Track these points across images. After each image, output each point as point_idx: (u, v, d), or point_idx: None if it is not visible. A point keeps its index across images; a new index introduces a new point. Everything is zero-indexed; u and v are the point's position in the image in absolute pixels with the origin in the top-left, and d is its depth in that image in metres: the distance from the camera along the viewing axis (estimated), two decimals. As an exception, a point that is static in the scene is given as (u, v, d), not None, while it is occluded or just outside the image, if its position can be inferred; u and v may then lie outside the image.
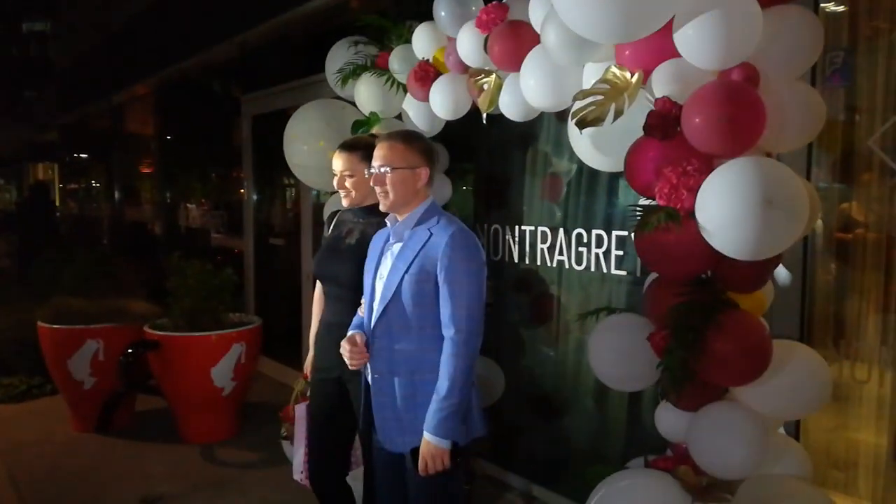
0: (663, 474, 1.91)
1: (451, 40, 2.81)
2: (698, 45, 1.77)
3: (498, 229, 3.51)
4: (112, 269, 5.24)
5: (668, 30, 1.84)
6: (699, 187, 1.75)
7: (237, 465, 3.96)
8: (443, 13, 2.83)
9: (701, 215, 1.73)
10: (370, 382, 2.19)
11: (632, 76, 1.94)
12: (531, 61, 2.37)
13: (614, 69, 1.97)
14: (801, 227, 1.70)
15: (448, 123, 3.10)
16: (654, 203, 1.86)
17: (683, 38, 1.79)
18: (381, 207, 2.15)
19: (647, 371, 1.98)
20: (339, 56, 3.32)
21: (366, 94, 3.20)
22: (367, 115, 3.21)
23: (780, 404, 1.83)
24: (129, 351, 4.20)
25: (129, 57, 8.67)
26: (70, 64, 12.34)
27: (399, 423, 2.08)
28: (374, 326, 2.12)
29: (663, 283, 1.95)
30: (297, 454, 2.71)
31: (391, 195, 2.10)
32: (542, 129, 3.28)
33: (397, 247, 2.12)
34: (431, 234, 2.05)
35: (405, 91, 3.11)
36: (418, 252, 2.04)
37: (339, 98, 3.41)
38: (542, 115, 2.65)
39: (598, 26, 1.82)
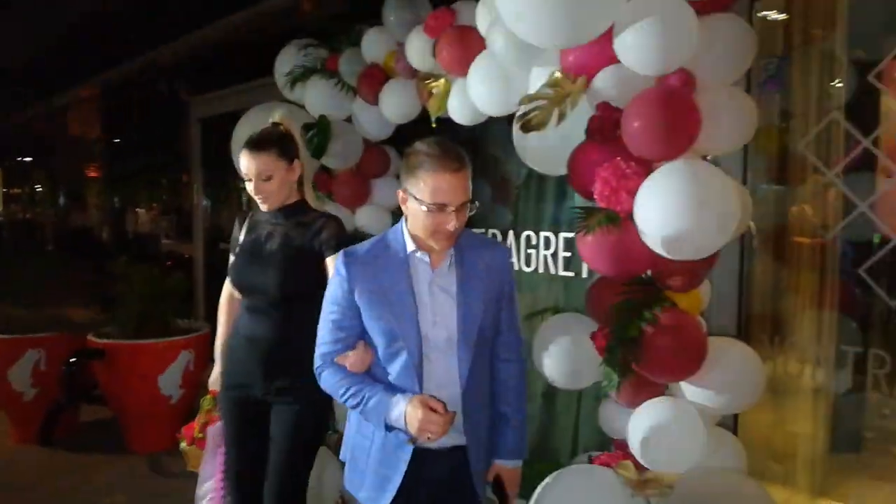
0: (605, 470, 1.95)
1: (401, 44, 2.82)
2: (637, 52, 1.82)
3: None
4: (56, 276, 5.10)
5: (610, 36, 1.88)
6: (637, 190, 1.79)
7: (185, 475, 3.87)
8: (392, 18, 2.85)
9: (639, 217, 1.78)
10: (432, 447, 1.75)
11: (575, 81, 1.98)
12: (478, 66, 2.40)
13: (558, 74, 2.01)
14: (733, 227, 1.76)
15: (398, 127, 3.11)
16: (595, 205, 1.91)
17: (622, 45, 1.84)
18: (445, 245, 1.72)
19: (591, 368, 2.03)
20: (288, 58, 3.30)
21: (315, 97, 3.18)
22: (316, 118, 3.19)
23: (717, 399, 1.89)
24: (72, 360, 4.08)
25: (73, 58, 8.42)
26: (10, 65, 11.94)
27: (486, 457, 1.87)
28: (467, 379, 1.74)
29: (605, 282, 2.00)
30: (207, 480, 2.49)
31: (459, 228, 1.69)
32: (492, 133, 3.31)
33: (447, 280, 1.74)
34: (483, 254, 1.79)
35: (355, 94, 3.11)
36: (484, 277, 1.76)
37: (287, 101, 3.38)
38: (491, 118, 2.68)
39: (539, 31, 1.85)
